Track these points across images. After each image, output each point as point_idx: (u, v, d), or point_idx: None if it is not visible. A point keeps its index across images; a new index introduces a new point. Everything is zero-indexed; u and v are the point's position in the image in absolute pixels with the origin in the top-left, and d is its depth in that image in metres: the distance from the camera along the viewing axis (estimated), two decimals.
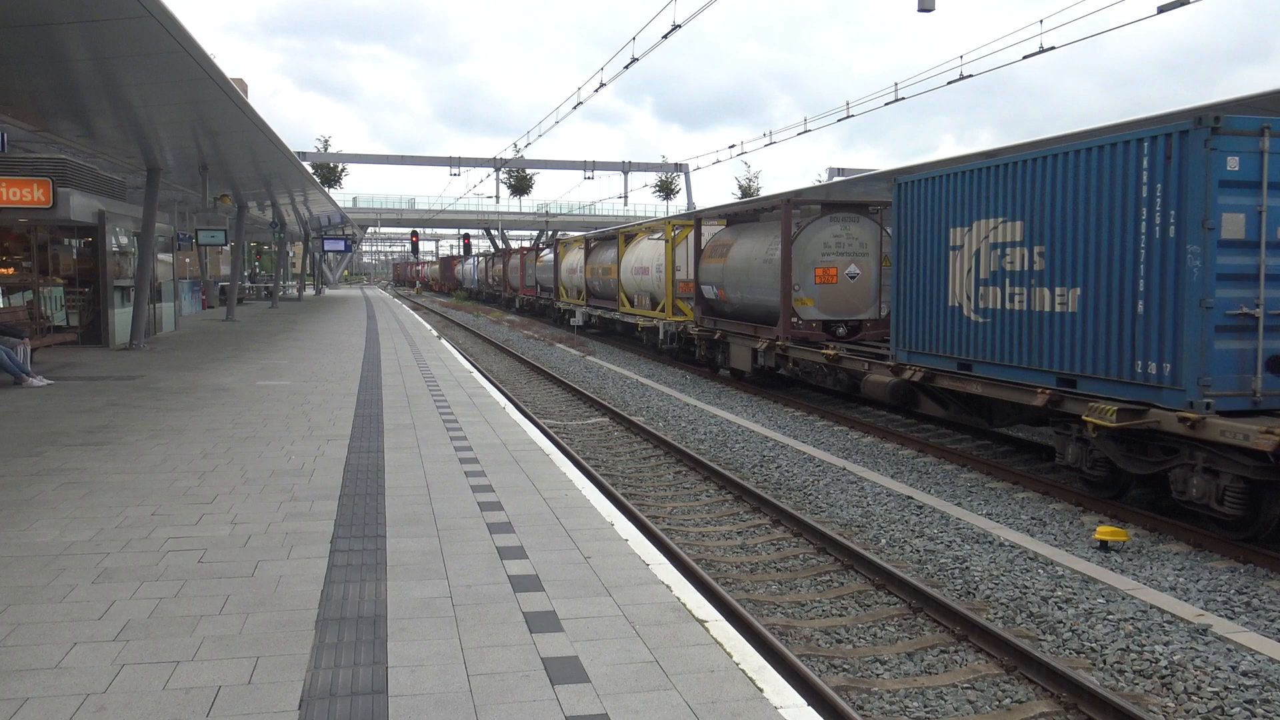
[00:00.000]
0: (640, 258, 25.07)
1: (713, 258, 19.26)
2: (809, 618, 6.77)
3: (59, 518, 6.42)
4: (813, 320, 15.92)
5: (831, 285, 15.88)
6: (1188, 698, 5.35)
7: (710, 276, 19.37)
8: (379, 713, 3.67)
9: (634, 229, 28.07)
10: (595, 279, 30.56)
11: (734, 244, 18.35)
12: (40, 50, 11.56)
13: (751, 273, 17.30)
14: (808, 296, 15.89)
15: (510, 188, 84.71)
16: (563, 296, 35.69)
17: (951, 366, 11.20)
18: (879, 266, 15.91)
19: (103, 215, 19.10)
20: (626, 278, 26.21)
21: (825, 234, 15.92)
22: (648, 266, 24.24)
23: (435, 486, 7.41)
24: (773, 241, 16.49)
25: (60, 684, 3.90)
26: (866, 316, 16.13)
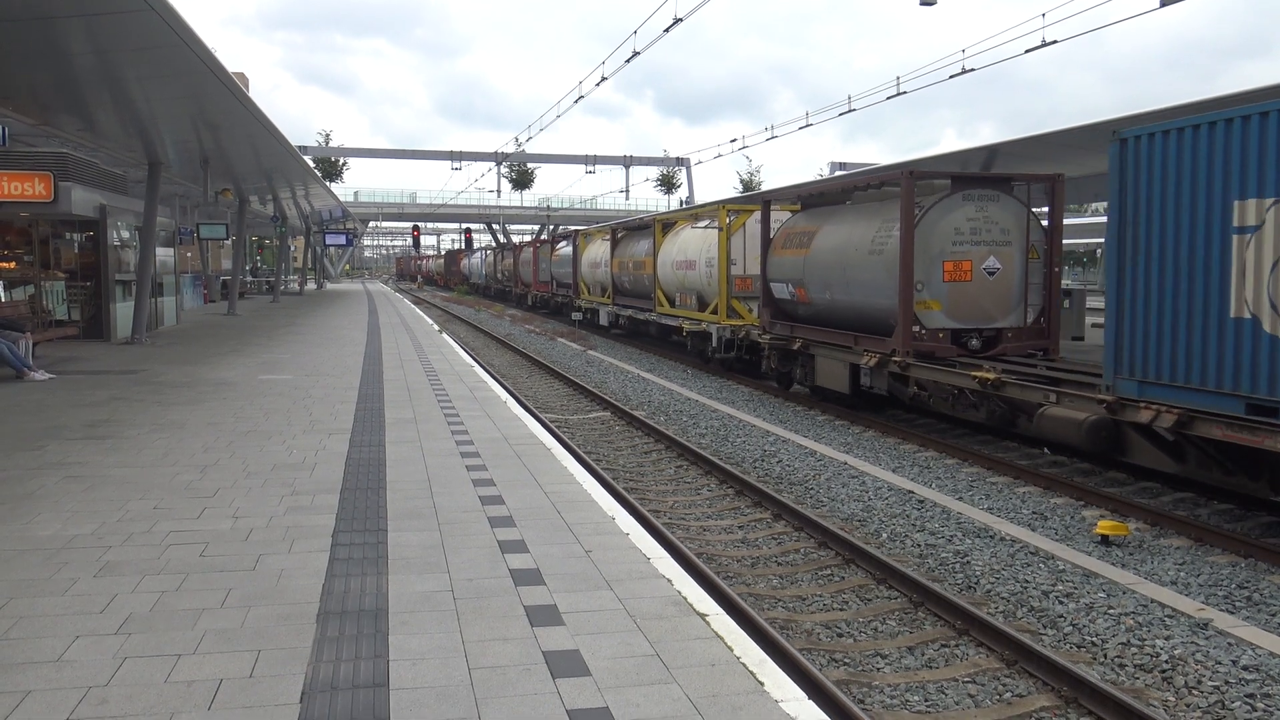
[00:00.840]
0: (684, 250, 21.47)
1: (787, 249, 15.81)
2: (810, 612, 6.78)
3: (61, 511, 6.43)
4: (939, 329, 12.48)
5: (964, 284, 12.47)
6: (1188, 692, 5.36)
7: (784, 272, 15.89)
8: (380, 706, 3.68)
9: (673, 216, 25.12)
10: (624, 274, 26.89)
11: (818, 231, 14.95)
12: (42, 44, 11.56)
13: (848, 267, 13.89)
14: (933, 298, 12.44)
15: (511, 182, 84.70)
16: (584, 294, 32.20)
17: (1233, 408, 7.79)
18: (1024, 259, 12.68)
19: (104, 209, 19.09)
20: (665, 273, 22.67)
21: (957, 217, 12.41)
22: (694, 260, 20.56)
23: (436, 480, 7.42)
24: (880, 227, 13.16)
25: (62, 677, 3.91)
26: (1007, 324, 12.73)
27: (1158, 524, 8.53)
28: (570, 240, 35.42)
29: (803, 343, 15.22)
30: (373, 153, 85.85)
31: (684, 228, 22.49)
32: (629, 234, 27.85)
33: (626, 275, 26.79)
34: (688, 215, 23.52)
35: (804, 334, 15.27)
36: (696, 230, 21.11)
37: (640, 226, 27.10)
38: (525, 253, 47.25)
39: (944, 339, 12.44)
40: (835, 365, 14.28)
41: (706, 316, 19.73)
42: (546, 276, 40.12)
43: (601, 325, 29.58)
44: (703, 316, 19.97)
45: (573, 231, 35.43)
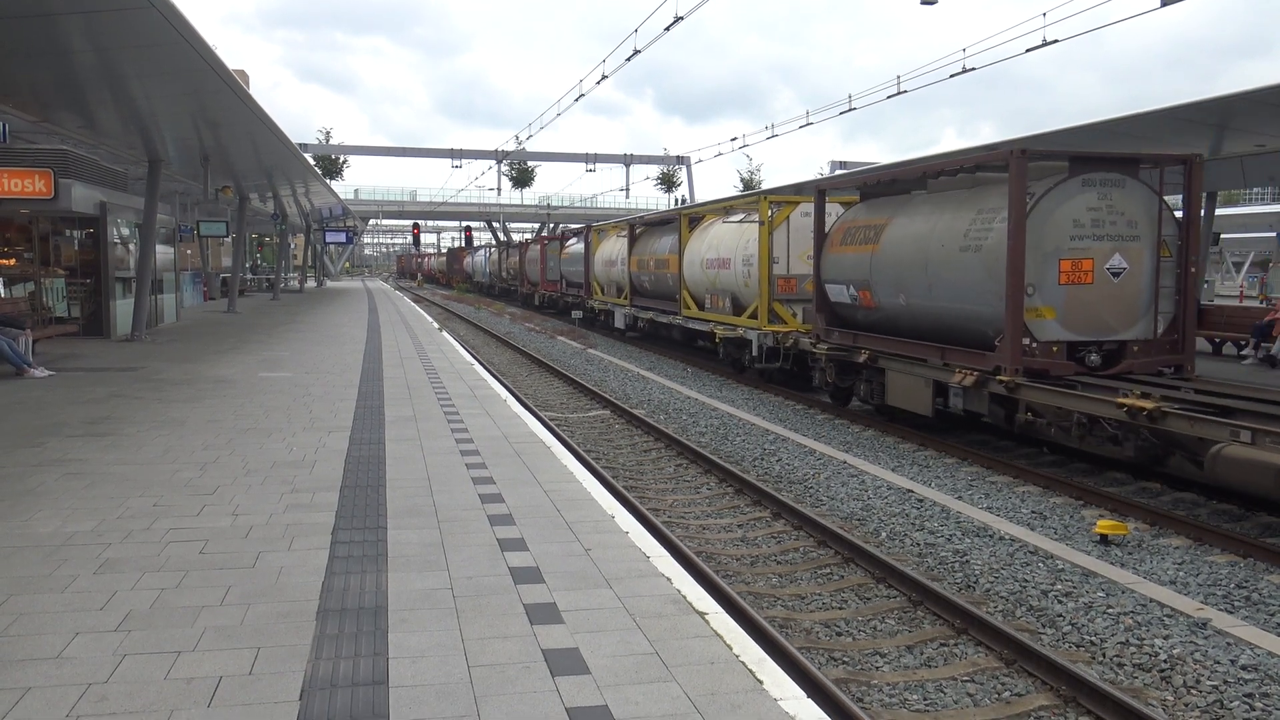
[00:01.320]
0: (715, 246, 19.37)
1: (848, 245, 13.74)
2: (809, 610, 6.79)
3: (61, 508, 6.43)
4: (1053, 341, 10.38)
5: (1084, 287, 10.37)
6: (1187, 691, 5.36)
7: (844, 271, 13.84)
8: (380, 703, 3.68)
9: (700, 210, 22.64)
10: (644, 273, 24.58)
11: (888, 225, 12.87)
12: (42, 41, 11.55)
13: (932, 267, 11.69)
14: (1046, 304, 10.36)
15: (512, 180, 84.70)
16: (597, 293, 29.95)
17: None
18: (1155, 257, 10.57)
19: (104, 206, 19.10)
20: (693, 273, 20.53)
21: (1075, 206, 10.37)
22: (727, 258, 18.46)
23: (436, 478, 7.42)
24: (975, 218, 11.10)
25: (62, 674, 3.91)
26: (1132, 336, 10.62)
27: (1157, 523, 8.54)
28: (582, 236, 33.58)
29: (869, 355, 13.03)
30: (373, 150, 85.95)
31: (714, 223, 20.35)
32: (649, 230, 25.47)
33: (646, 275, 24.47)
34: (717, 209, 21.30)
35: (872, 344, 13.11)
36: (730, 225, 18.93)
37: (662, 221, 24.87)
38: (532, 250, 44.60)
39: (1058, 353, 10.35)
40: (913, 382, 12.10)
41: (744, 321, 17.53)
42: (555, 275, 38.07)
43: (616, 328, 27.34)
44: (739, 321, 17.75)
45: (584, 227, 33.59)
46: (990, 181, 11.44)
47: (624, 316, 26.30)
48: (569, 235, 37.07)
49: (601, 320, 29.72)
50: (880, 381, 13.06)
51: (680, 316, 21.48)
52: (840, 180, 18.14)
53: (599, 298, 29.81)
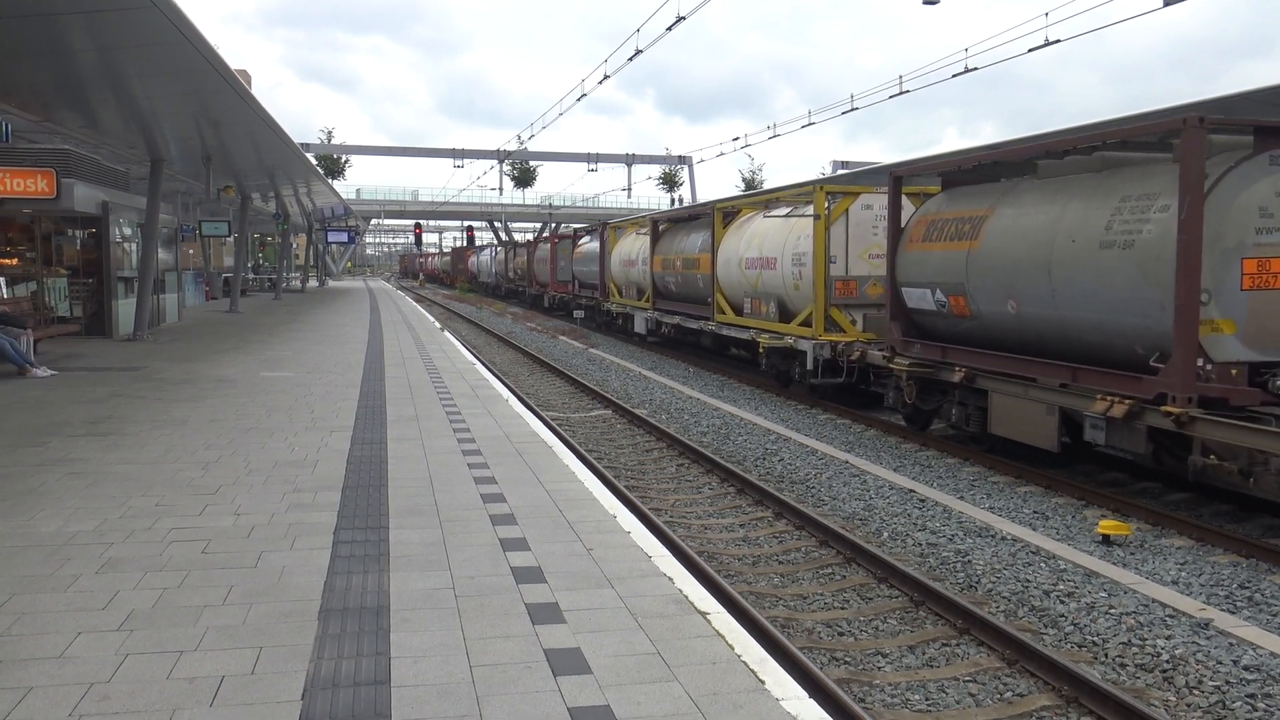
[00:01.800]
0: (757, 244, 17.23)
1: (933, 241, 11.55)
2: (811, 610, 6.78)
3: (63, 508, 6.44)
4: (1232, 362, 8.25)
5: (1273, 293, 8.28)
6: (1189, 692, 5.36)
7: (927, 273, 11.62)
8: (382, 703, 3.68)
9: (736, 202, 20.51)
10: (670, 274, 22.54)
11: (990, 216, 10.67)
12: (44, 41, 11.56)
13: (1058, 266, 9.53)
14: (1224, 316, 8.26)
15: (514, 180, 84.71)
16: (614, 296, 27.77)
17: None
18: None
19: (106, 206, 19.11)
20: (729, 273, 18.51)
21: (1262, 190, 8.26)
22: (772, 257, 16.46)
23: (438, 478, 7.42)
24: (1120, 206, 8.98)
25: (64, 673, 3.91)
26: None
27: (1159, 524, 8.53)
28: (596, 234, 31.31)
29: (966, 373, 10.77)
30: (375, 150, 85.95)
31: (753, 216, 18.33)
32: (674, 226, 23.32)
33: (672, 275, 22.40)
34: (755, 201, 19.46)
35: (969, 360, 10.87)
36: (774, 220, 16.79)
37: (690, 217, 22.77)
38: (541, 249, 42.14)
39: (1239, 377, 8.18)
40: (1029, 409, 10.03)
41: (793, 329, 15.49)
42: (566, 275, 35.52)
43: (636, 333, 25.20)
44: (788, 329, 15.70)
45: (599, 224, 31.49)
46: (1129, 162, 9.42)
47: (645, 321, 24.09)
48: (581, 233, 34.81)
49: (619, 325, 27.39)
50: (979, 406, 10.77)
51: (713, 322, 19.38)
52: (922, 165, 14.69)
53: (616, 300, 27.49)
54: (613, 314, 28.03)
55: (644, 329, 24.37)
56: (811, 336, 14.73)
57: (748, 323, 17.74)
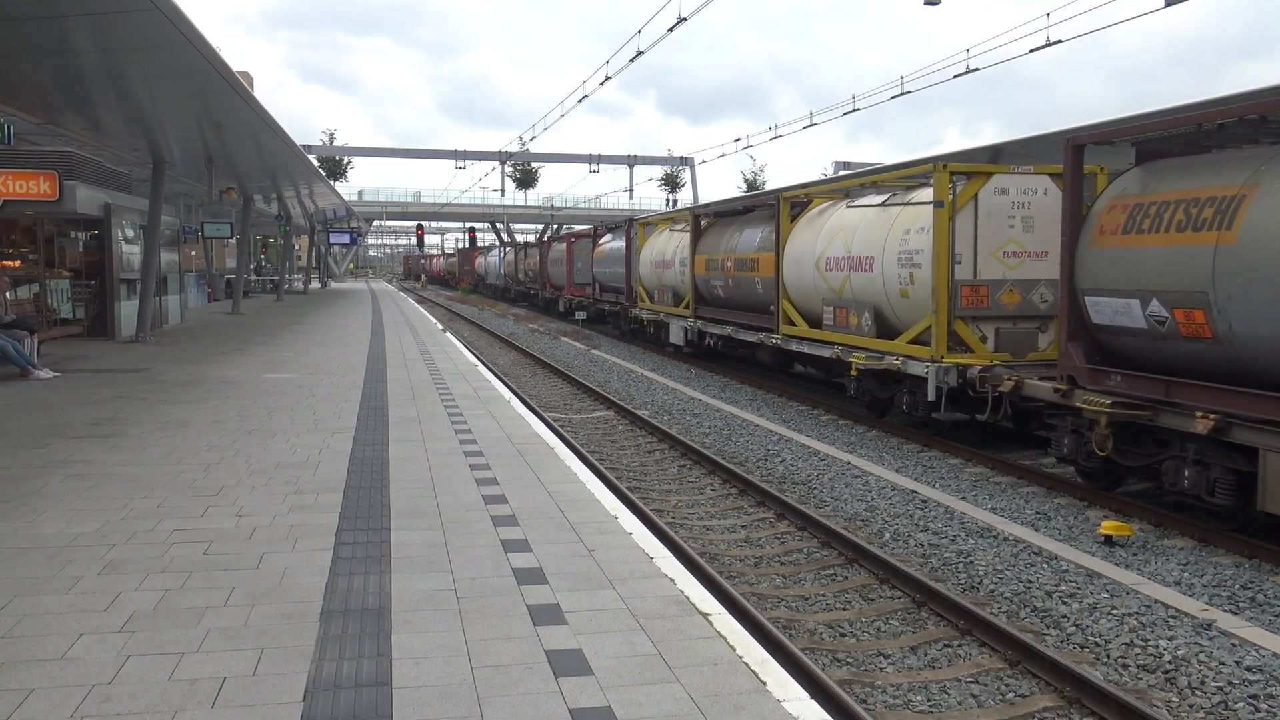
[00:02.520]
0: (844, 240, 13.86)
1: (1146, 233, 8.58)
2: (812, 611, 6.78)
3: (65, 509, 6.44)
4: None
5: None
6: (1191, 693, 5.35)
7: (1134, 276, 8.69)
8: (383, 704, 3.69)
9: (810, 191, 16.43)
10: (716, 276, 19.15)
11: (1253, 195, 7.69)
12: (47, 43, 11.58)
13: None
14: None
15: (516, 181, 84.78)
16: (643, 301, 24.56)
17: None
18: None
19: (109, 208, 19.14)
20: (800, 276, 15.14)
21: None
22: (866, 256, 13.24)
23: (440, 479, 7.42)
24: None
25: (66, 675, 3.92)
26: None
27: (1161, 524, 8.52)
28: (621, 231, 28.35)
29: (1217, 421, 7.70)
30: (377, 152, 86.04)
31: (831, 207, 15.03)
32: (722, 221, 20.00)
33: (720, 279, 18.92)
34: (834, 188, 16.12)
35: (1223, 402, 7.77)
36: (866, 210, 13.69)
37: (744, 209, 19.52)
38: (556, 249, 38.61)
39: None
40: None
41: (902, 348, 12.25)
42: (585, 278, 32.60)
43: (672, 344, 22.05)
44: (894, 347, 12.43)
45: (626, 220, 28.36)
46: None
47: (684, 331, 20.70)
48: (603, 230, 31.57)
49: (650, 334, 24.14)
50: (1236, 469, 7.78)
51: (777, 335, 15.94)
52: (1114, 130, 9.89)
53: (646, 306, 24.11)
54: (642, 322, 24.52)
55: (681, 340, 20.96)
56: (930, 358, 11.45)
57: (830, 337, 14.16)
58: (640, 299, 24.93)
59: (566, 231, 40.05)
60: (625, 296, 26.80)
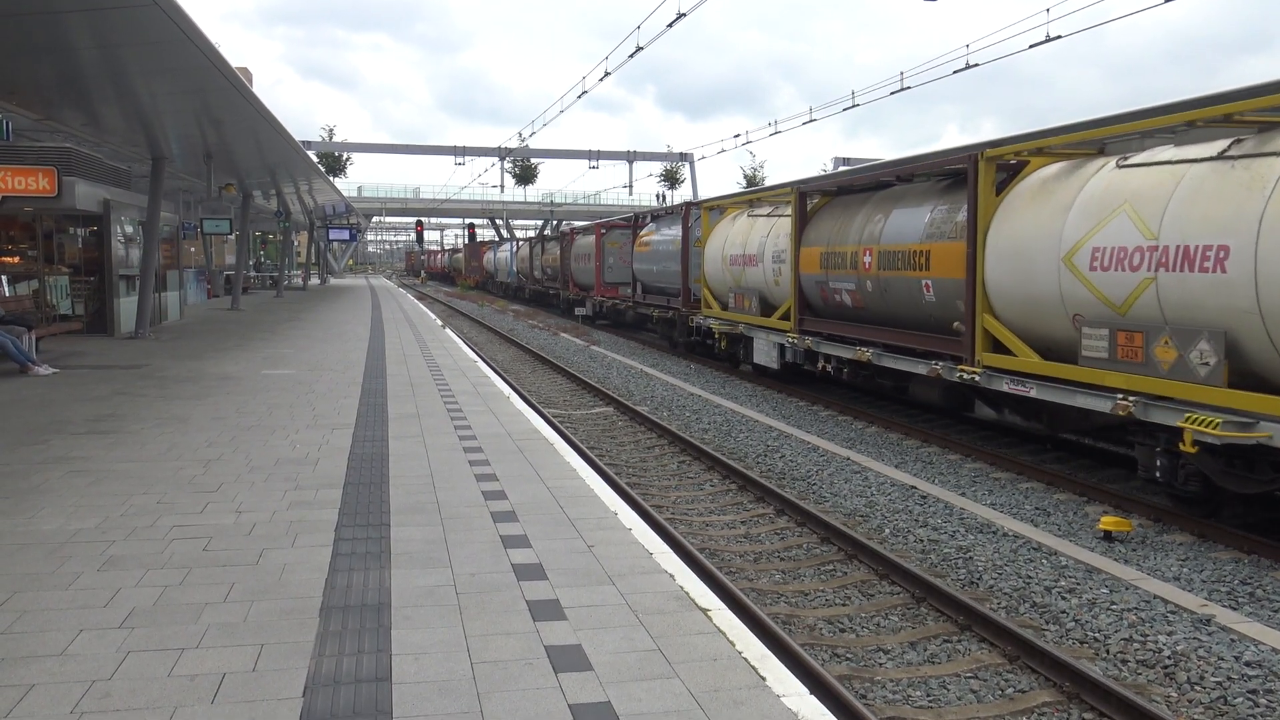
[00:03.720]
0: (1136, 222, 8.37)
1: None
2: (812, 607, 6.78)
3: (65, 505, 6.44)
4: None
5: None
6: (1190, 688, 5.35)
7: None
8: (383, 700, 3.69)
9: (1023, 148, 10.61)
10: (842, 277, 13.74)
11: None
12: (45, 39, 11.56)
13: None
14: None
15: (515, 177, 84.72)
16: (710, 306, 19.06)
17: None
18: None
19: (108, 204, 19.13)
20: (1024, 279, 9.87)
21: None
22: (1223, 246, 7.49)
23: (439, 475, 7.43)
24: None
25: (66, 670, 3.92)
26: None
27: (1161, 520, 8.52)
28: (672, 219, 23.57)
29: None
30: (376, 148, 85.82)
31: (1081, 168, 9.58)
32: (846, 199, 14.49)
33: (848, 280, 13.54)
34: (1081, 143, 10.21)
35: None
36: (1189, 169, 8.12)
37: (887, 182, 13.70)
38: (582, 242, 33.14)
39: None
40: None
41: None
42: (619, 276, 28.33)
43: (756, 364, 16.85)
44: None
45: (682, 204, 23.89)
46: None
47: (780, 349, 15.43)
48: (646, 218, 26.84)
49: (721, 349, 18.81)
50: None
51: (973, 367, 10.62)
52: None
53: (716, 314, 18.69)
54: (710, 334, 19.03)
55: (774, 360, 15.65)
56: None
57: (1107, 379, 8.65)
58: (706, 304, 19.44)
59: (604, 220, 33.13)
60: (682, 300, 21.30)
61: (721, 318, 18.46)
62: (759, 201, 17.98)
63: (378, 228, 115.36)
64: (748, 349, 17.35)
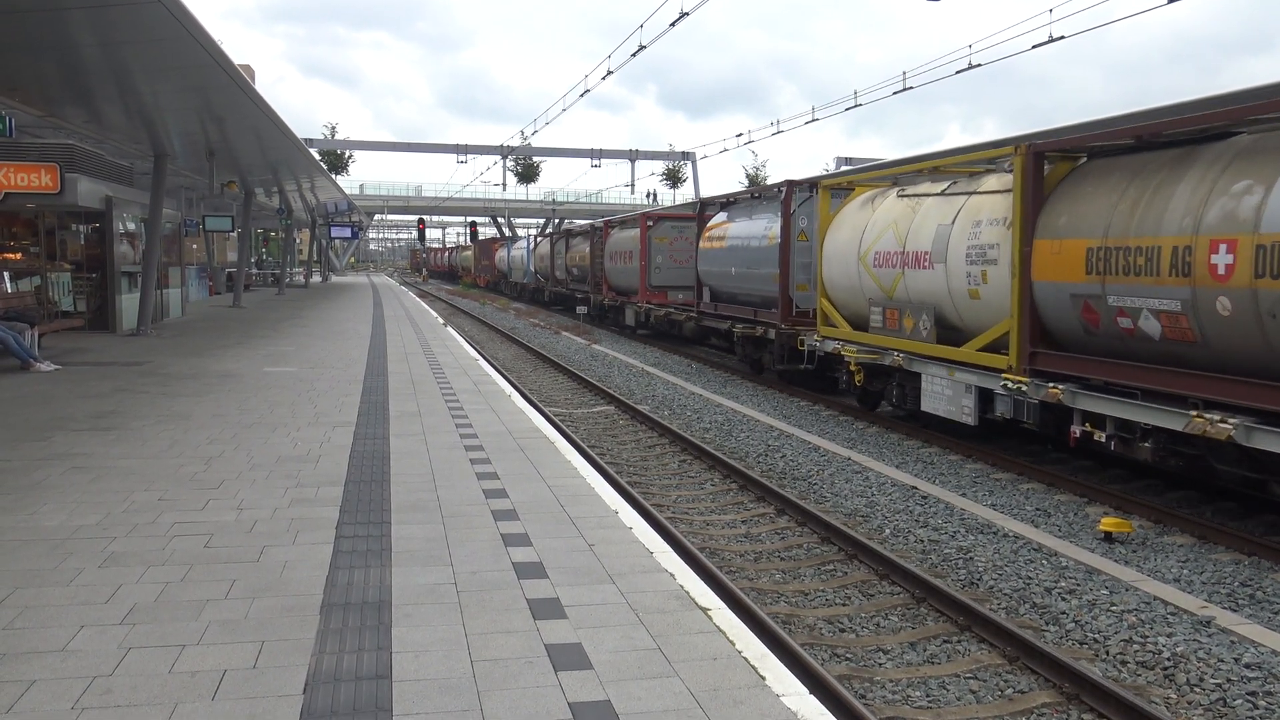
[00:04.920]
0: None
1: None
2: (812, 607, 6.79)
3: (66, 502, 6.45)
4: None
5: None
6: (1190, 689, 5.35)
7: None
8: (383, 697, 3.69)
9: None
10: (1140, 290, 8.35)
11: None
12: (48, 36, 11.57)
13: None
14: None
15: (517, 176, 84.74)
16: (834, 322, 14.07)
17: None
18: None
19: (110, 201, 19.13)
20: None
21: None
22: None
23: (440, 473, 7.43)
24: None
25: (67, 666, 3.93)
26: None
27: (1161, 521, 8.52)
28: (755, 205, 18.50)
29: None
30: (378, 146, 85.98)
31: None
32: (1121, 164, 9.16)
33: (1157, 296, 8.24)
34: None
35: None
36: None
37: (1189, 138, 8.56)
38: (620, 238, 27.68)
39: None
40: None
41: None
42: (670, 278, 24.17)
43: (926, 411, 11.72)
44: None
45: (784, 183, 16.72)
46: None
47: (985, 397, 10.63)
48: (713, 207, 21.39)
49: (851, 385, 13.70)
50: None
51: None
52: None
53: (847, 335, 13.63)
54: (833, 363, 14.29)
55: (970, 411, 10.79)
56: None
57: None
58: (824, 320, 14.21)
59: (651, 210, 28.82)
60: (781, 314, 16.01)
61: (860, 341, 13.06)
62: (916, 177, 12.83)
63: (379, 226, 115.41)
64: (909, 390, 12.22)
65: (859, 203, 14.10)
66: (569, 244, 36.49)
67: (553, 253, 39.18)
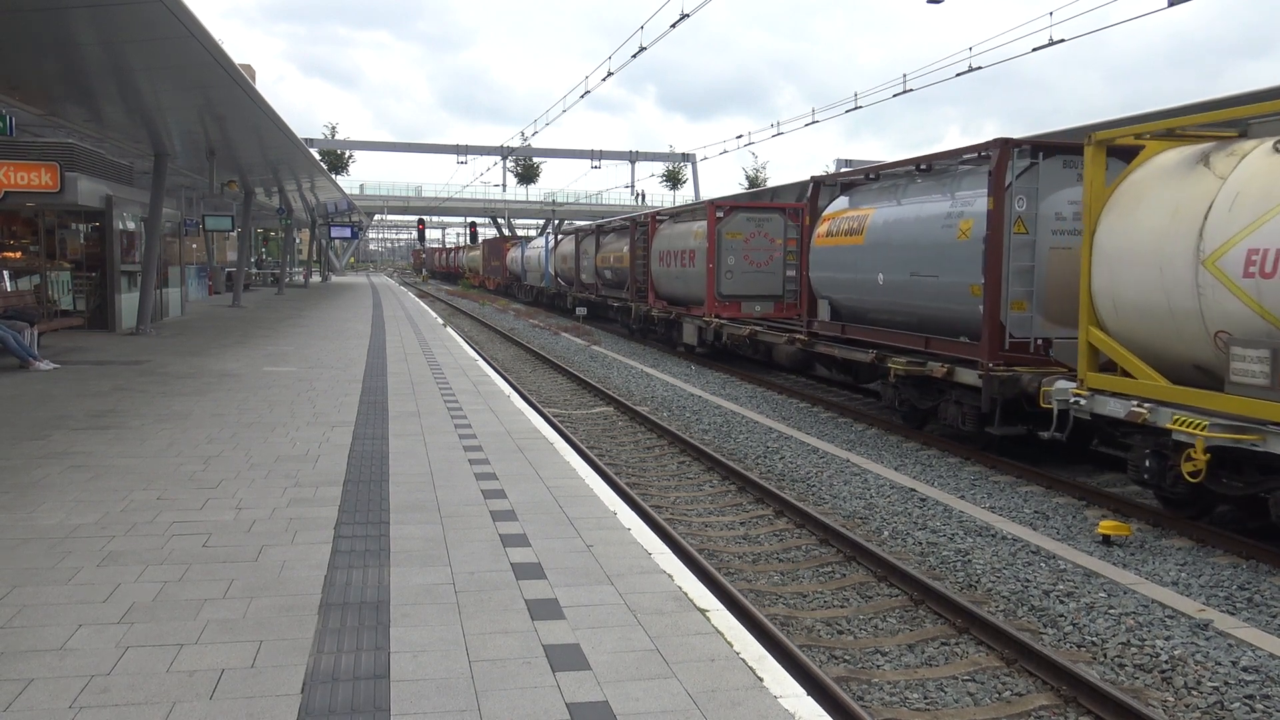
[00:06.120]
0: None
1: None
2: (810, 608, 6.79)
3: (65, 501, 6.45)
4: None
5: None
6: (1188, 692, 5.36)
7: None
8: (381, 697, 3.70)
9: None
10: None
11: None
12: (49, 34, 11.58)
13: None
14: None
15: (517, 176, 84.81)
16: (1123, 364, 8.52)
17: None
18: None
19: (110, 200, 19.14)
20: None
21: None
22: None
23: (439, 474, 7.43)
24: None
25: (65, 665, 3.93)
26: None
27: (1159, 524, 8.53)
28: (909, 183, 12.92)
29: None
30: (378, 146, 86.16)
31: None
32: None
33: None
34: None
35: None
36: None
37: None
38: (672, 233, 22.60)
39: None
40: None
41: None
42: (748, 286, 19.78)
43: None
44: None
45: (998, 140, 10.37)
46: None
47: None
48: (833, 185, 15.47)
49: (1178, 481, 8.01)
50: None
51: None
52: None
53: (1157, 396, 8.10)
54: (1134, 432, 8.59)
55: None
56: None
57: None
58: (1100, 362, 9.07)
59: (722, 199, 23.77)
60: (989, 349, 10.58)
61: (1213, 410, 7.61)
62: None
63: (379, 226, 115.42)
64: None
65: (1176, 165, 8.41)
66: (599, 242, 29.75)
67: (578, 252, 32.38)
